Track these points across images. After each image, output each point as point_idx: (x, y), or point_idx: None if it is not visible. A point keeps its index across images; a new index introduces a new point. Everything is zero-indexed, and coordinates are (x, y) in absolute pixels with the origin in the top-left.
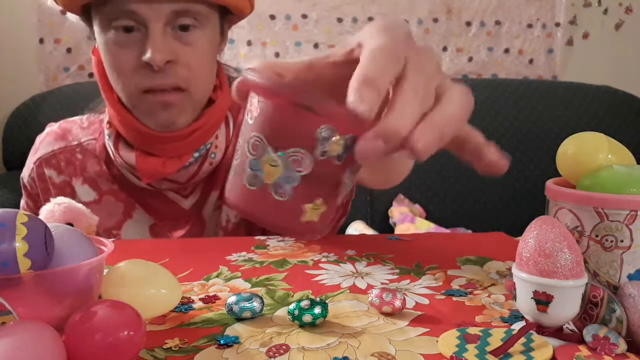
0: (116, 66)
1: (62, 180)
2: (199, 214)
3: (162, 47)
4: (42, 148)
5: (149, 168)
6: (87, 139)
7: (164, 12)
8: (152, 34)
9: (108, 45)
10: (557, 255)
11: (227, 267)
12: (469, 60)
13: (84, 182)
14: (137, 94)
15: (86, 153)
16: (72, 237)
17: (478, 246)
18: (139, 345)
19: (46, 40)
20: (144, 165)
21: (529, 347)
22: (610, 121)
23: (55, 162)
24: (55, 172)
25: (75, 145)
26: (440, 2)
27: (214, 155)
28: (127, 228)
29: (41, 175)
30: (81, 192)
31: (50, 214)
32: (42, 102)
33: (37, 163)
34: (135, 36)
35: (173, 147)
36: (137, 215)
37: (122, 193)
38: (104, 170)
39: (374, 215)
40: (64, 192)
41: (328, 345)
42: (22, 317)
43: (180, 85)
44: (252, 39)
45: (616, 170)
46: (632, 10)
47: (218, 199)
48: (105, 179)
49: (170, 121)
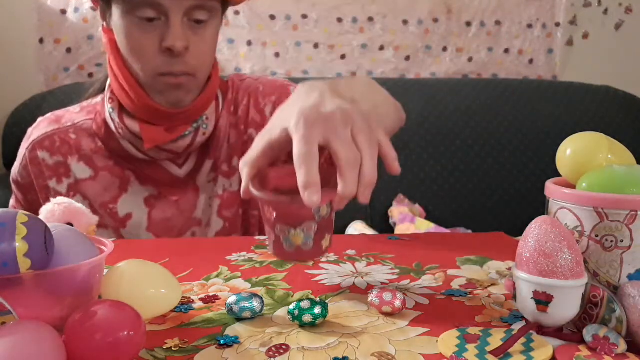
0: (137, 49)
1: (56, 161)
2: (193, 182)
3: (182, 35)
4: (35, 133)
5: (152, 134)
6: (81, 120)
7: (185, 5)
8: (172, 23)
9: (130, 30)
10: (557, 255)
11: (227, 267)
12: (469, 60)
13: (79, 160)
14: (154, 75)
15: (80, 132)
16: (72, 237)
17: (478, 246)
18: (139, 345)
19: (46, 40)
20: (148, 131)
21: (529, 347)
22: (610, 121)
23: (49, 144)
24: (49, 154)
25: (69, 126)
26: (440, 2)
27: (206, 126)
28: (122, 202)
29: (34, 159)
30: (76, 169)
31: (50, 214)
32: (42, 102)
33: (29, 148)
34: (156, 24)
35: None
36: (133, 189)
37: (117, 168)
38: (99, 147)
39: (374, 215)
40: (57, 172)
41: (328, 345)
42: (22, 317)
43: (189, 71)
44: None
45: (616, 170)
46: (632, 10)
47: (212, 170)
48: (101, 155)
49: (179, 99)
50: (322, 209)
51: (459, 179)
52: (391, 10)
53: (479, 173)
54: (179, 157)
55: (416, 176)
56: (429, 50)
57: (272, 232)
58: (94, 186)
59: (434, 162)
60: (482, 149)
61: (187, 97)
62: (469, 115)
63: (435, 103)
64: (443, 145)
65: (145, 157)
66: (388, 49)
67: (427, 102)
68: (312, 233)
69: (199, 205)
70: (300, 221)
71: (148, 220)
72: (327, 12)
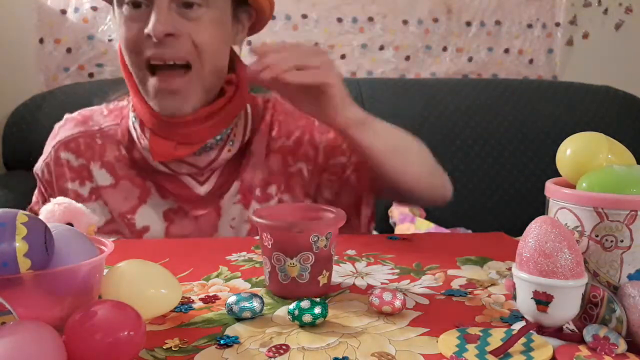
0: (125, 41)
1: (80, 164)
2: (216, 202)
3: (163, 20)
4: (62, 132)
5: (160, 148)
6: (108, 124)
7: None
8: (156, 8)
9: (121, 21)
10: (557, 255)
11: (227, 267)
12: (469, 60)
13: (101, 167)
14: (144, 70)
15: (106, 138)
16: (72, 237)
17: (478, 246)
18: (139, 345)
19: (46, 40)
20: (156, 144)
21: (529, 347)
22: (610, 121)
23: (75, 146)
24: (74, 156)
25: (96, 130)
26: (440, 2)
27: (232, 143)
28: (141, 213)
29: (58, 160)
30: (98, 175)
31: (50, 214)
32: (42, 102)
33: (56, 147)
34: (142, 11)
35: (184, 132)
36: (153, 200)
37: (138, 178)
38: (123, 155)
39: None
40: (81, 175)
41: (328, 345)
42: (22, 317)
43: (184, 58)
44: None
45: (616, 170)
46: (632, 10)
47: (239, 192)
48: (123, 164)
49: (176, 107)
50: (320, 240)
51: (459, 179)
52: (391, 10)
53: (479, 173)
54: (201, 173)
55: None
56: (429, 50)
57: (268, 262)
58: (114, 194)
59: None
60: (482, 149)
61: (184, 105)
62: (469, 115)
63: (435, 103)
64: (443, 145)
65: (166, 170)
66: (388, 49)
67: (427, 102)
68: (308, 265)
69: (220, 226)
70: (297, 251)
71: (165, 235)
72: (327, 12)
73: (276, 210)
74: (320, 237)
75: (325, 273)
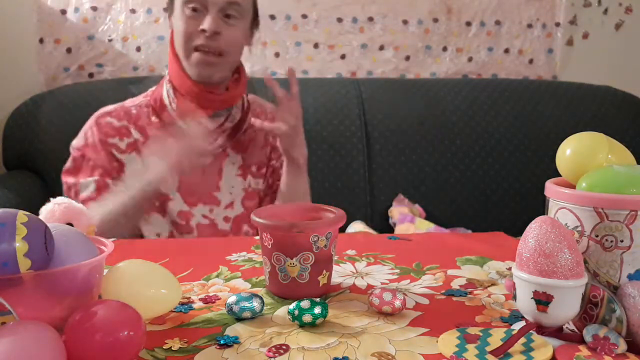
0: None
1: (121, 125)
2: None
3: (214, 23)
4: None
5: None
6: (139, 101)
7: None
8: (210, 14)
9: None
10: (557, 255)
11: (227, 267)
12: (469, 60)
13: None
14: (191, 50)
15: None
16: (72, 237)
17: (478, 246)
18: (139, 345)
19: (46, 40)
20: (182, 104)
21: (529, 347)
22: (610, 121)
23: (115, 113)
24: (116, 119)
25: (130, 105)
26: (440, 2)
27: (233, 117)
28: None
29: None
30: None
31: (50, 214)
32: (42, 102)
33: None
34: (198, 14)
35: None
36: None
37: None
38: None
39: (374, 215)
40: (120, 132)
41: (328, 345)
42: (22, 317)
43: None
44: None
45: (616, 170)
46: (632, 10)
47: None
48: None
49: (209, 74)
50: (320, 240)
51: (459, 179)
52: (391, 10)
53: (479, 173)
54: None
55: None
56: (429, 50)
57: (268, 262)
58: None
59: (434, 162)
60: (482, 149)
61: (215, 74)
62: (469, 115)
63: (435, 103)
64: (443, 145)
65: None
66: (388, 48)
67: (427, 102)
68: (308, 265)
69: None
70: (297, 251)
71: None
72: (327, 12)
73: (276, 210)
74: (320, 237)
75: (325, 273)
